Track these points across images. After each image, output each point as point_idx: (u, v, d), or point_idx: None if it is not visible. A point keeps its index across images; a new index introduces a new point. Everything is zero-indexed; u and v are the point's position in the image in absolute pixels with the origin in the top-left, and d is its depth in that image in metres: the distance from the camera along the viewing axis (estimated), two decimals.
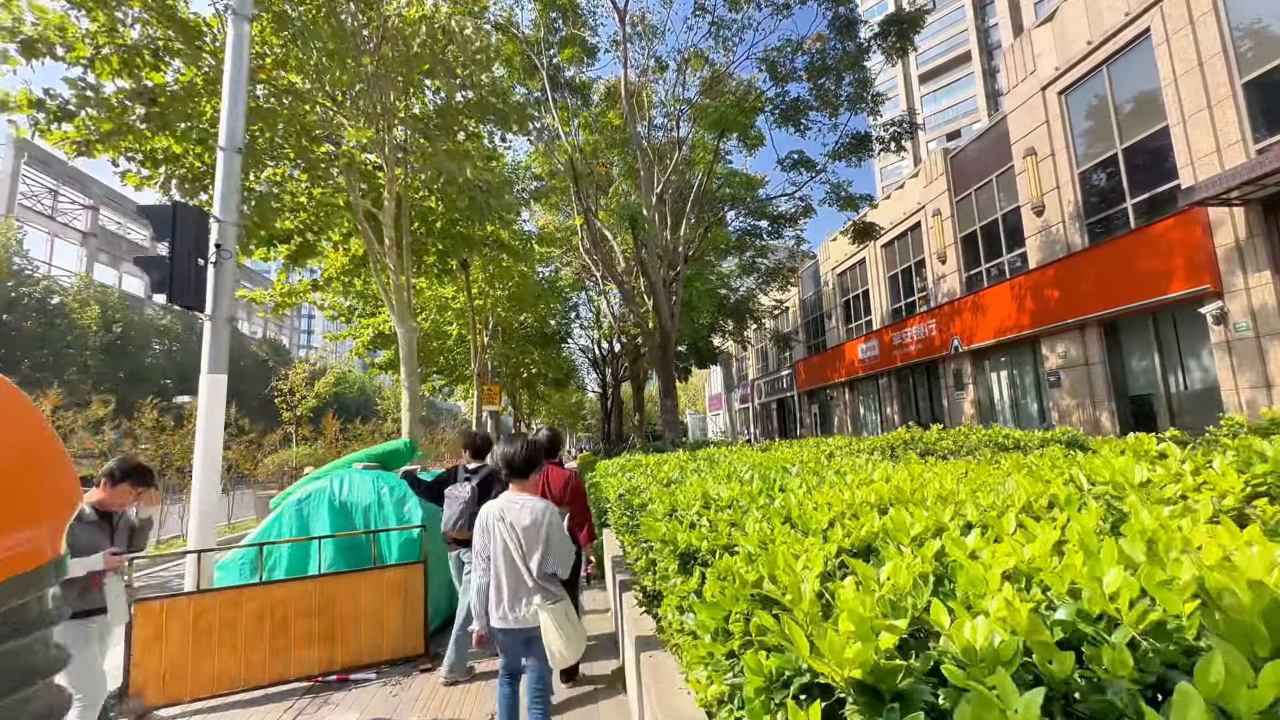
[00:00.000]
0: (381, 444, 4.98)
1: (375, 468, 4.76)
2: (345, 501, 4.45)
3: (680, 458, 4.48)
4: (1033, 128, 14.23)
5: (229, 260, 4.07)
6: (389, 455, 5.06)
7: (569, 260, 19.54)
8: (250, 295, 11.69)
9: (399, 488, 4.56)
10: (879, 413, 21.97)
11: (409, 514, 4.55)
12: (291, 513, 4.40)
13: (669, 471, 3.10)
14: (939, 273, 18.01)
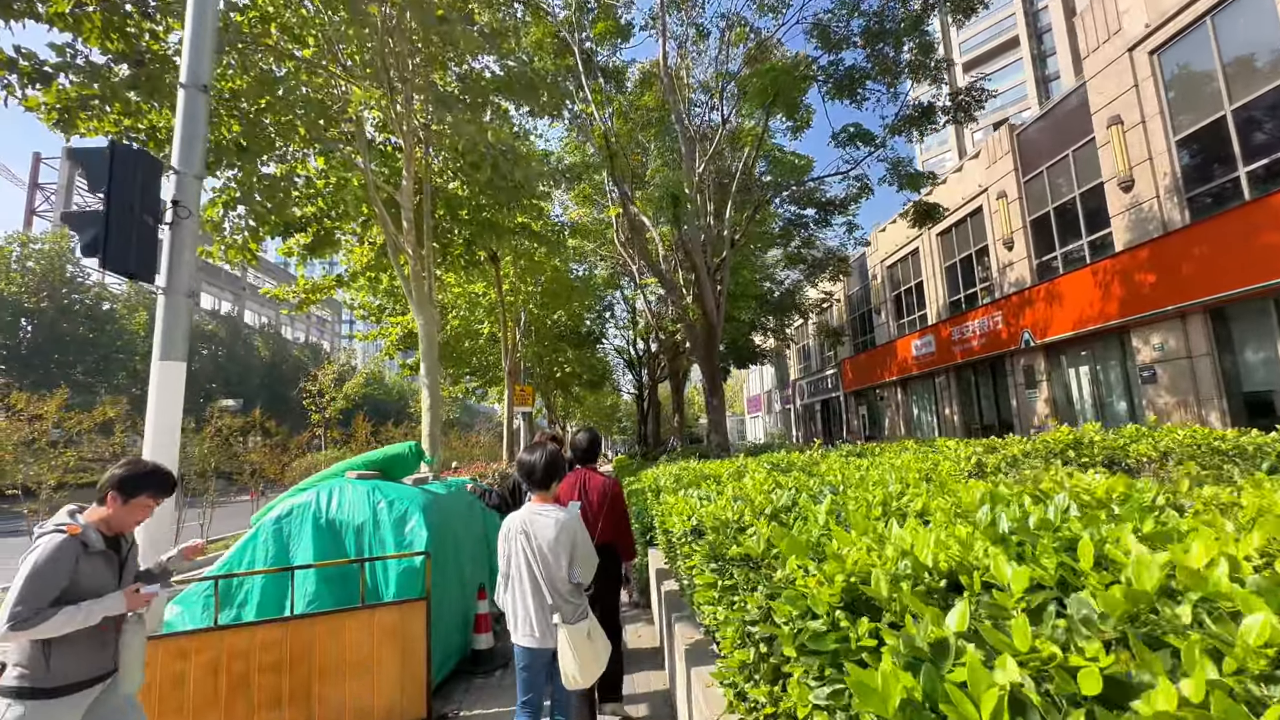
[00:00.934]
0: (382, 448, 4.14)
1: (373, 476, 4.00)
2: (333, 520, 3.59)
3: (750, 466, 3.53)
4: (1118, 94, 12.73)
5: (188, 220, 3.29)
6: (390, 462, 4.20)
7: (603, 255, 18.72)
8: (274, 292, 11.14)
9: (400, 502, 3.72)
10: (936, 414, 20.46)
11: (411, 536, 3.63)
12: (268, 534, 3.57)
13: (763, 490, 2.15)
14: (1005, 260, 16.51)
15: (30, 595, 2.09)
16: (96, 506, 2.36)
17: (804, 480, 2.38)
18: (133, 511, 2.36)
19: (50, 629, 2.10)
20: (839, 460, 3.42)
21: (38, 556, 2.14)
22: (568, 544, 2.74)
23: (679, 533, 2.11)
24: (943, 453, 3.05)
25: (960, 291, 19.14)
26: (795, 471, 2.80)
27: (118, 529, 2.37)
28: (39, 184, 37.16)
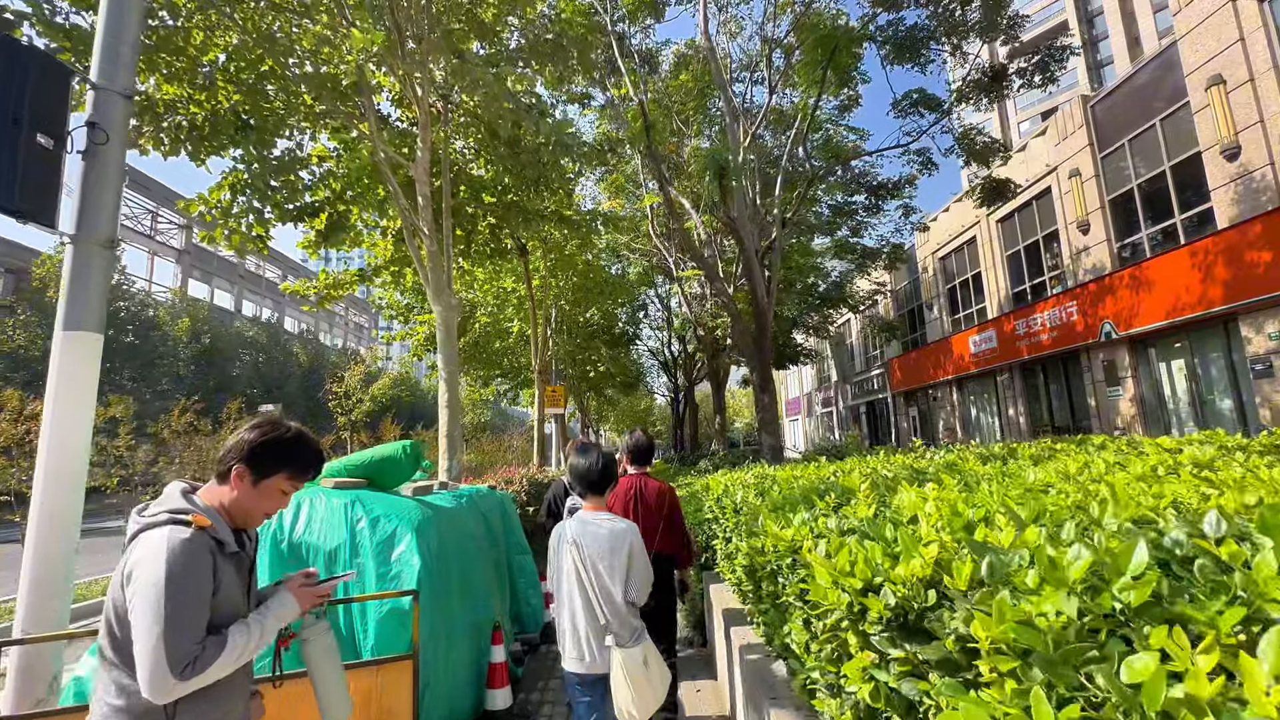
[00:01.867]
0: (371, 449, 3.29)
1: (357, 485, 3.08)
2: (298, 543, 2.69)
3: (877, 467, 2.60)
4: (1219, 49, 11.25)
5: (109, 149, 2.52)
6: (379, 466, 3.18)
7: (638, 247, 17.82)
8: (294, 287, 10.57)
9: (387, 520, 2.80)
10: (997, 415, 18.91)
11: (400, 566, 2.70)
12: None
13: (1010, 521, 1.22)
14: (1079, 245, 15.00)
15: (186, 621, 1.38)
16: (215, 485, 1.62)
17: (951, 489, 1.45)
18: (265, 497, 1.63)
19: (222, 667, 1.43)
20: (993, 467, 2.42)
21: (168, 563, 1.39)
22: (624, 557, 2.48)
23: (834, 606, 1.19)
24: (1154, 453, 2.06)
25: (1025, 281, 17.61)
26: (956, 483, 1.83)
27: (241, 522, 1.62)
28: None
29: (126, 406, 8.90)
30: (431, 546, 2.77)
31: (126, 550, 1.48)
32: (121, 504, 8.16)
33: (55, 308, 8.32)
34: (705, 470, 13.74)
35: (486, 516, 3.91)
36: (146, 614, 1.35)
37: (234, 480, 1.58)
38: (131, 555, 1.44)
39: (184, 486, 1.60)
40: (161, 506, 1.52)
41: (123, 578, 1.42)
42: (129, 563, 1.42)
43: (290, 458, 1.64)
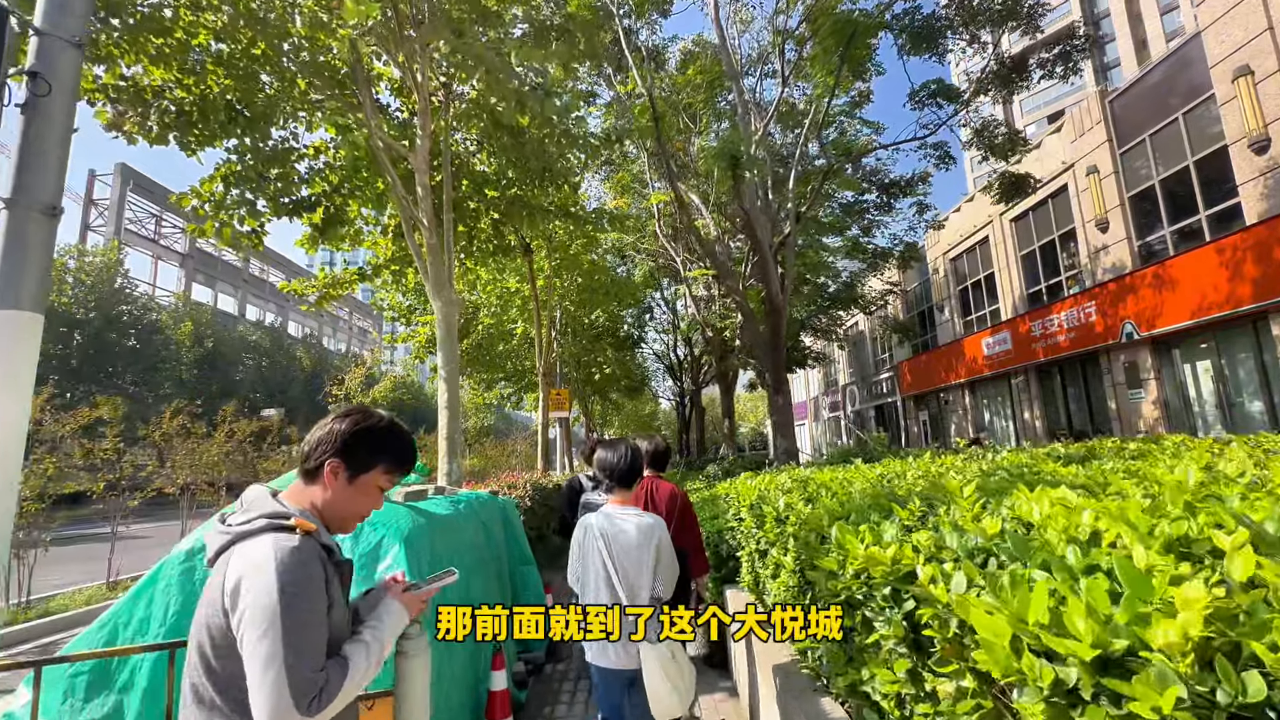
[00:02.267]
0: None
1: None
2: None
3: (953, 466, 2.23)
4: (1246, 40, 10.89)
5: (53, 102, 2.20)
6: None
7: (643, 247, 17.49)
8: (292, 286, 10.27)
9: (371, 529, 2.38)
10: (1012, 419, 18.47)
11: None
12: (174, 576, 2.23)
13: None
14: (1098, 244, 14.61)
15: (307, 644, 1.17)
16: (302, 486, 1.40)
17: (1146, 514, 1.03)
18: (362, 496, 1.41)
19: (345, 696, 1.21)
20: (1075, 469, 2.04)
21: (280, 577, 1.17)
22: (652, 551, 2.45)
23: (1022, 678, 0.82)
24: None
25: (1041, 282, 17.21)
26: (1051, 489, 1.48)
27: (336, 526, 1.41)
28: (93, 200, 38.27)
29: (115, 407, 8.58)
30: (423, 559, 2.40)
31: (217, 568, 1.24)
32: (108, 510, 7.82)
33: (57, 311, 7.71)
34: (714, 475, 13.35)
35: (487, 524, 3.55)
36: (262, 640, 1.12)
37: (327, 478, 1.35)
38: (229, 572, 1.19)
39: (269, 488, 1.38)
40: (253, 511, 1.28)
41: (225, 600, 1.17)
42: (229, 582, 1.18)
43: (386, 448, 1.42)
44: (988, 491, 1.44)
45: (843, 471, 2.88)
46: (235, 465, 9.50)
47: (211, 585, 1.22)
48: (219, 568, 1.23)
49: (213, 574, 1.24)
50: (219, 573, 1.21)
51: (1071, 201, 15.54)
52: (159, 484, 8.33)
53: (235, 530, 1.25)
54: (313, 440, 1.40)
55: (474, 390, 20.71)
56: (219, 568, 1.23)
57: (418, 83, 6.39)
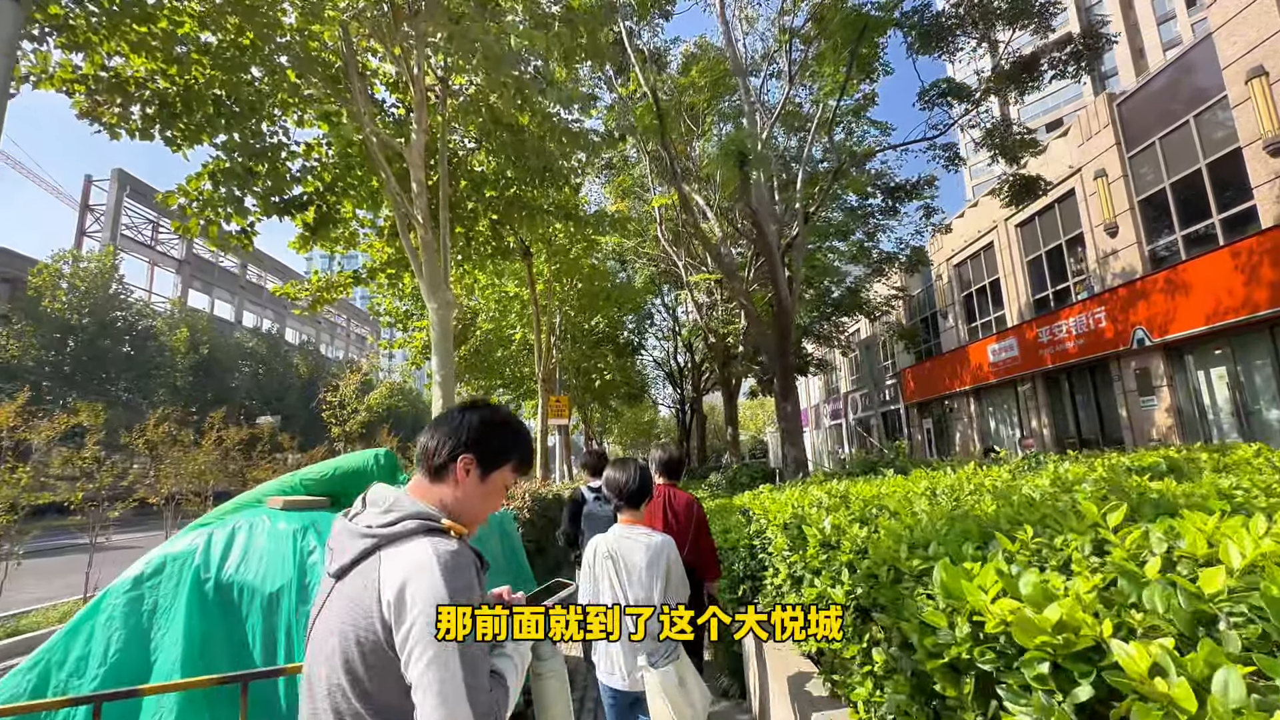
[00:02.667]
0: (334, 459, 2.60)
1: (314, 506, 2.32)
2: (230, 583, 1.99)
3: (969, 489, 1.90)
4: (1259, 40, 10.71)
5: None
6: (345, 481, 2.47)
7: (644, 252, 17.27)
8: (284, 289, 9.96)
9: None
10: (1019, 426, 18.17)
11: None
12: (117, 608, 1.94)
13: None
14: (1106, 249, 14.38)
15: (479, 659, 1.07)
16: (428, 484, 1.25)
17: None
18: (492, 494, 1.31)
19: (505, 715, 1.12)
20: (1187, 485, 1.74)
21: (448, 584, 1.04)
22: (661, 570, 2.42)
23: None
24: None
25: (1048, 288, 16.97)
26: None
27: (467, 524, 1.25)
28: (89, 206, 38.02)
29: (95, 413, 8.25)
30: None
31: (359, 574, 1.09)
32: (87, 522, 7.48)
33: (50, 317, 7.35)
34: (717, 485, 13.01)
35: (482, 541, 3.25)
36: (438, 657, 1.00)
37: (459, 475, 1.23)
38: (384, 580, 1.05)
39: (399, 491, 1.22)
40: (397, 511, 1.14)
41: (384, 612, 1.03)
42: (387, 590, 1.04)
43: (516, 443, 1.33)
44: (1143, 516, 1.13)
45: (880, 485, 2.59)
46: (224, 474, 9.16)
47: (356, 595, 1.06)
48: (363, 575, 1.07)
49: (350, 582, 1.08)
50: (364, 580, 1.06)
51: (1079, 206, 15.33)
52: (142, 493, 8.00)
53: (380, 532, 1.10)
54: (439, 434, 1.26)
55: (472, 397, 20.44)
56: (363, 575, 1.07)
57: (414, 76, 6.13)
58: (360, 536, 1.11)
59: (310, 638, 1.12)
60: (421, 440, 1.28)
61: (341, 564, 1.11)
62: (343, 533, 1.15)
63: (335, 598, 1.09)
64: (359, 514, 1.17)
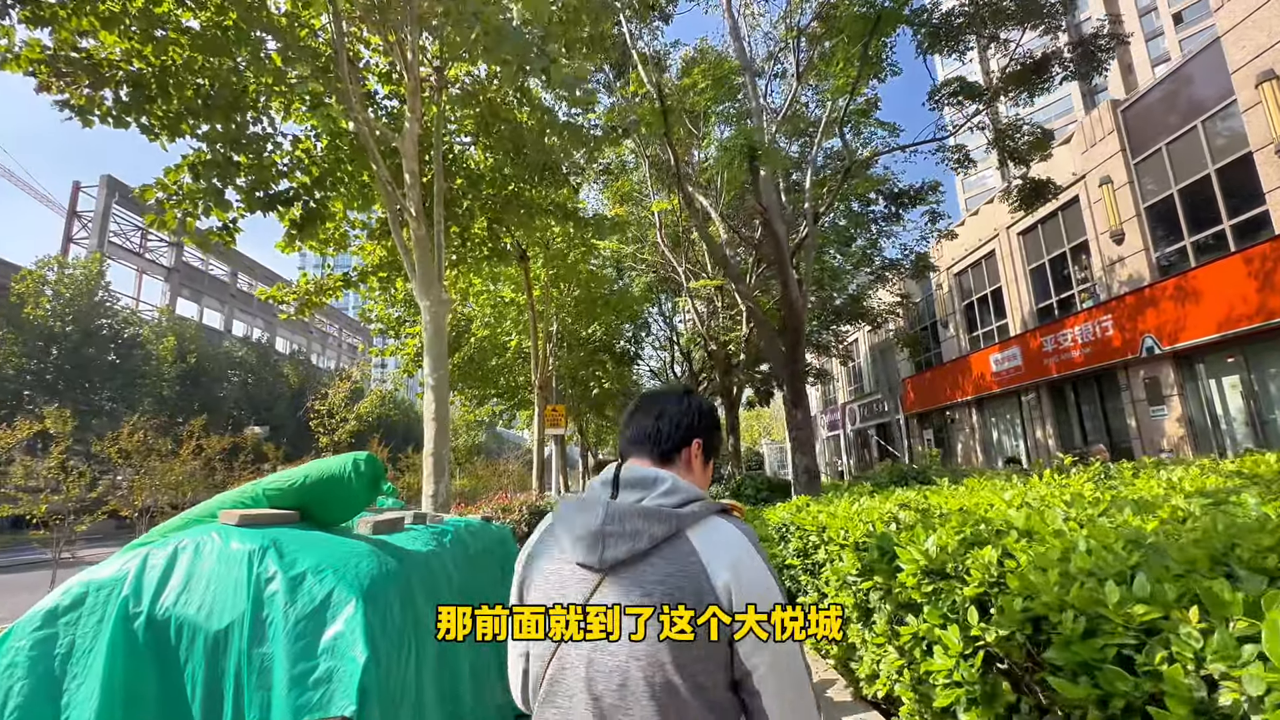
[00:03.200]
0: (306, 465, 2.19)
1: (277, 520, 1.90)
2: (164, 620, 1.58)
3: (1083, 506, 1.54)
4: (1269, 44, 10.56)
5: None
6: (318, 491, 2.06)
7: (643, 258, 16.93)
8: (270, 293, 9.55)
9: (319, 578, 1.68)
10: (1023, 437, 17.88)
11: (331, 662, 1.57)
12: (22, 650, 1.54)
13: None
14: (1113, 256, 14.17)
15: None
16: (657, 467, 1.15)
17: None
18: (708, 480, 1.26)
19: None
20: None
21: (768, 567, 1.00)
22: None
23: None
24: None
25: (1051, 296, 16.75)
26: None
27: None
28: (77, 212, 37.46)
29: (64, 419, 7.76)
30: (391, 624, 1.68)
31: (668, 556, 0.99)
32: (53, 537, 6.97)
33: (33, 324, 6.83)
34: (719, 497, 12.61)
35: (480, 561, 2.83)
36: (781, 644, 0.96)
37: (691, 459, 1.22)
38: (711, 563, 0.98)
39: (651, 467, 1.15)
40: (684, 493, 1.06)
41: (720, 599, 0.95)
42: (717, 575, 0.96)
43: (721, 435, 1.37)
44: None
45: (955, 496, 2.22)
46: (205, 485, 8.66)
47: (668, 580, 0.97)
48: (670, 560, 0.99)
49: (653, 567, 0.99)
50: (676, 565, 0.98)
51: (1083, 213, 15.15)
52: (114, 505, 7.51)
53: (676, 512, 1.01)
54: (667, 417, 1.22)
55: (465, 406, 19.90)
56: (670, 560, 0.99)
57: (408, 62, 5.79)
58: (652, 518, 1.00)
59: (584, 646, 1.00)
60: (641, 421, 1.22)
61: (633, 549, 0.99)
62: (618, 516, 1.02)
63: (627, 585, 0.98)
64: (616, 492, 1.07)
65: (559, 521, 1.11)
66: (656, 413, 1.22)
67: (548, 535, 1.13)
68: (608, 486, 1.09)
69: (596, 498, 1.07)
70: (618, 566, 0.99)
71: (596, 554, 1.00)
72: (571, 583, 1.03)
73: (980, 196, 63.19)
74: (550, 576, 1.07)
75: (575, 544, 1.04)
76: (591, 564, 1.01)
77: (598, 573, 1.01)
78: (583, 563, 1.02)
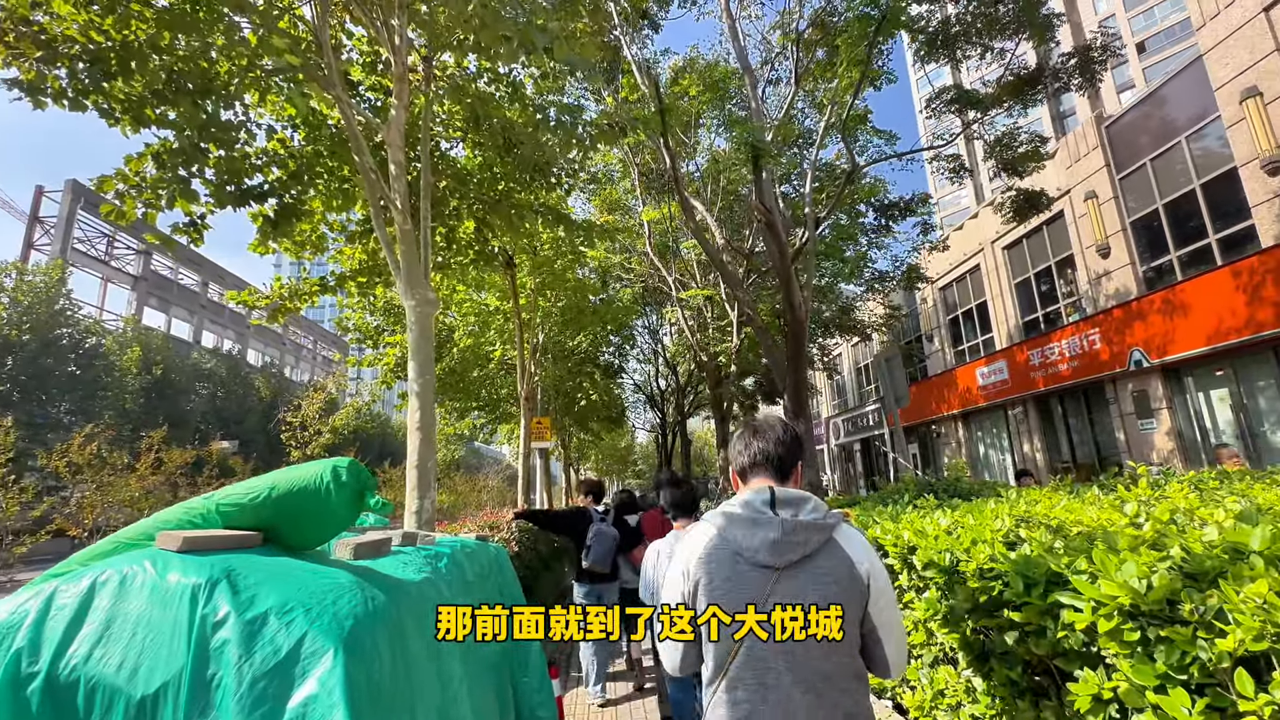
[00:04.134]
0: (272, 473, 1.81)
1: (232, 544, 1.45)
2: (71, 681, 1.12)
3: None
4: (1252, 62, 10.72)
5: None
6: (287, 506, 1.58)
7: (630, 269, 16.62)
8: (240, 297, 8.95)
9: (284, 620, 1.23)
10: (1010, 451, 17.84)
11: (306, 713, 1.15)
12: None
13: None
14: (1098, 270, 14.25)
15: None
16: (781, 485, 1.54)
17: None
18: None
19: None
20: None
21: (876, 555, 1.53)
22: None
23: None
24: None
25: (1037, 310, 16.83)
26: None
27: None
28: (39, 218, 36.06)
29: (4, 431, 7.09)
30: (380, 679, 1.30)
31: (827, 554, 1.40)
32: None
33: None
34: None
35: (480, 588, 2.41)
36: (896, 613, 1.43)
37: (797, 477, 1.57)
38: (856, 559, 1.40)
39: (797, 490, 1.53)
40: (823, 509, 1.46)
41: (866, 583, 1.39)
42: (860, 567, 1.39)
43: None
44: None
45: (1065, 510, 1.88)
46: (161, 502, 7.93)
47: (832, 572, 1.36)
48: (830, 556, 1.38)
49: (816, 564, 1.37)
50: (834, 560, 1.37)
51: (1069, 228, 15.27)
52: (60, 524, 6.82)
53: (828, 524, 1.40)
54: (786, 445, 1.54)
55: (444, 419, 19.28)
56: (830, 556, 1.38)
57: (394, 47, 5.42)
58: (813, 530, 1.38)
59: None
60: (763, 447, 1.53)
61: (805, 552, 1.37)
62: (792, 529, 1.38)
63: (801, 580, 1.35)
64: (775, 510, 1.40)
65: (731, 531, 1.40)
66: (775, 439, 1.52)
67: (719, 545, 1.40)
68: (768, 506, 1.40)
69: (766, 517, 1.38)
70: (791, 565, 1.33)
71: (778, 557, 1.33)
72: (752, 579, 1.34)
73: (956, 215, 64.42)
74: (730, 576, 1.36)
75: (758, 550, 1.35)
76: (774, 564, 1.33)
77: (776, 570, 1.33)
78: (765, 564, 1.34)
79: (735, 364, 13.54)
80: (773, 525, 1.35)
